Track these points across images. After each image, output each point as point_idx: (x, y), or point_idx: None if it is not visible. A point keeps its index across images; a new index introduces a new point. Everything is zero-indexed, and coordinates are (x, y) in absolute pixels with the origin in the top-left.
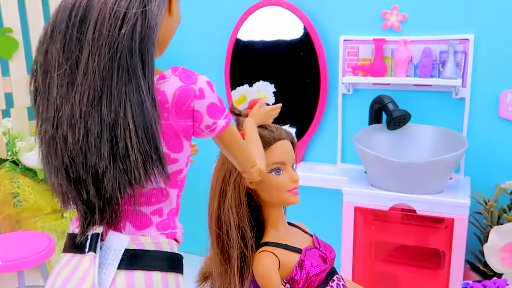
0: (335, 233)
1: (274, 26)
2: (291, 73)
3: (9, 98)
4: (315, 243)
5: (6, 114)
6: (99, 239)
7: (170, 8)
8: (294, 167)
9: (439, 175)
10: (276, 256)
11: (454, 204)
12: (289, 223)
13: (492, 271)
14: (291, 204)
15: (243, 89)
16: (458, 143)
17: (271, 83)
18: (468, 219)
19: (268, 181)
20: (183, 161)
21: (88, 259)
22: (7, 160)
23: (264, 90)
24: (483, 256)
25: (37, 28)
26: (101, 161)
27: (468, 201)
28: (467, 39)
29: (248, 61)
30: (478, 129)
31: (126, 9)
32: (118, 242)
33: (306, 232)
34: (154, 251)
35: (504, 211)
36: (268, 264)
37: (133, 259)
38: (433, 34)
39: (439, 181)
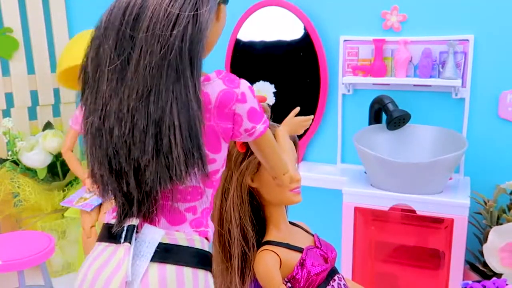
0: (335, 233)
1: (274, 26)
2: (291, 74)
3: (9, 98)
4: (316, 243)
5: (6, 114)
6: (135, 231)
7: (218, 14)
8: (296, 166)
9: (439, 175)
10: (278, 255)
11: (454, 204)
12: (291, 223)
13: (492, 271)
14: (293, 204)
15: None
16: (458, 143)
17: (271, 83)
18: (468, 219)
19: (270, 181)
20: (220, 162)
21: (123, 249)
22: (7, 160)
23: (264, 90)
24: (483, 256)
25: (37, 28)
26: (145, 155)
27: (467, 201)
28: (467, 40)
29: (248, 61)
30: (478, 129)
31: (179, 11)
32: (153, 235)
33: (307, 232)
34: (187, 246)
35: (504, 211)
36: (269, 263)
37: (166, 253)
38: (433, 34)
39: (439, 181)
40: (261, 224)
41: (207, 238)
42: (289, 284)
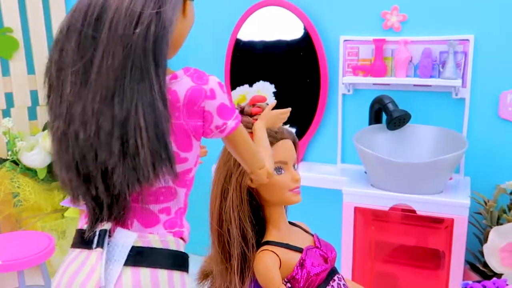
0: (335, 233)
1: (274, 26)
2: (291, 73)
3: (9, 98)
4: (316, 243)
5: (6, 114)
6: (107, 235)
7: (184, 10)
8: (296, 166)
9: (439, 175)
10: (277, 255)
11: (454, 204)
12: (290, 223)
13: (492, 271)
14: (292, 204)
15: (243, 89)
16: (458, 143)
17: (271, 83)
18: (468, 220)
19: (270, 181)
20: (192, 161)
21: (95, 254)
22: (7, 160)
23: (264, 90)
24: (483, 256)
25: (37, 28)
26: (111, 158)
27: (468, 201)
28: (467, 40)
29: (248, 61)
30: (478, 129)
31: (141, 10)
32: (125, 239)
33: (307, 232)
34: (161, 249)
35: (504, 212)
36: (269, 263)
37: (139, 256)
38: (433, 34)
39: (439, 181)
40: (260, 224)
41: (182, 239)
42: (288, 285)
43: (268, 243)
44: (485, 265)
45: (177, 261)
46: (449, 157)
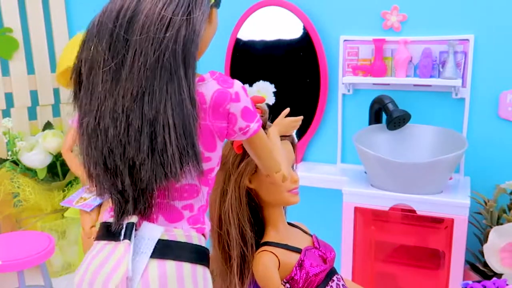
0: (335, 233)
1: (274, 26)
2: (291, 73)
3: (9, 98)
4: (315, 243)
5: (6, 114)
6: (134, 228)
7: (210, 17)
8: (294, 167)
9: (439, 175)
10: (276, 256)
11: (454, 204)
12: (289, 223)
13: (492, 271)
14: (291, 204)
15: None
16: (458, 143)
17: (271, 83)
18: (468, 219)
19: (268, 181)
20: (215, 161)
21: (122, 246)
22: (7, 160)
23: (264, 90)
24: (483, 256)
25: (37, 28)
26: (140, 153)
27: (468, 201)
28: (467, 40)
29: (248, 61)
30: (478, 129)
31: (172, 15)
32: (152, 232)
33: (306, 232)
34: (185, 243)
35: (504, 211)
36: (268, 264)
37: (165, 249)
38: (433, 34)
39: (439, 181)
40: (259, 225)
41: (204, 235)
42: (287, 285)
43: (267, 243)
44: (485, 265)
45: (200, 255)
46: (449, 157)
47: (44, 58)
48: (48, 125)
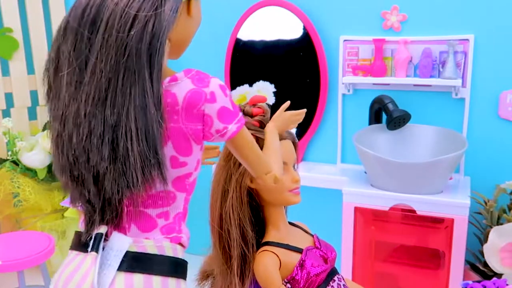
0: (335, 233)
1: (274, 26)
2: (291, 73)
3: (9, 98)
4: (316, 243)
5: (6, 114)
6: (102, 239)
7: (189, 9)
8: (296, 167)
9: (439, 175)
10: (277, 256)
11: (454, 204)
12: (290, 223)
13: (492, 271)
14: (292, 204)
15: (243, 89)
16: (458, 143)
17: (271, 83)
18: (468, 219)
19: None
20: (191, 165)
21: (90, 258)
22: (7, 160)
23: (264, 90)
24: (483, 256)
25: (37, 28)
26: (102, 162)
27: (468, 201)
28: (467, 39)
29: (248, 61)
30: (478, 129)
31: (137, 11)
32: (120, 243)
33: (307, 232)
34: (156, 255)
35: (504, 211)
36: (269, 264)
37: (133, 262)
38: (433, 34)
39: (439, 181)
40: (260, 225)
41: (181, 244)
42: (288, 285)
43: (268, 243)
44: (485, 265)
45: (172, 267)
46: (449, 157)
47: (44, 58)
48: (48, 125)
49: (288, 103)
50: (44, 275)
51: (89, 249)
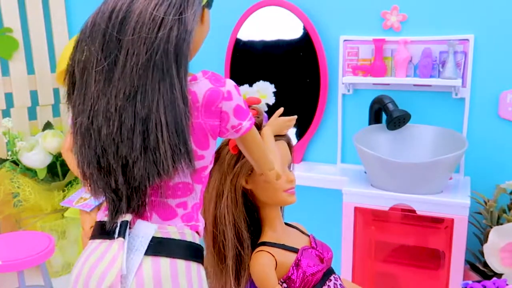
0: (335, 233)
1: (274, 26)
2: (291, 73)
3: (9, 98)
4: (312, 243)
5: (6, 114)
6: (128, 226)
7: (202, 17)
8: (291, 167)
9: (439, 175)
10: (273, 256)
11: (454, 204)
12: (287, 224)
13: (492, 271)
14: (287, 204)
15: (243, 89)
16: (458, 143)
17: (271, 83)
18: (468, 219)
19: (265, 182)
20: (208, 159)
21: (117, 244)
22: (7, 160)
23: (264, 90)
24: (483, 256)
25: (37, 28)
26: (133, 152)
27: (468, 201)
28: (467, 39)
29: (248, 61)
30: (478, 129)
31: (164, 15)
32: (146, 229)
33: (303, 233)
34: (179, 240)
35: (504, 211)
36: (265, 264)
37: (159, 246)
38: (433, 34)
39: (439, 181)
40: (256, 225)
41: (197, 232)
42: (284, 285)
43: (264, 244)
44: (485, 265)
45: (194, 252)
46: (449, 157)
47: (44, 58)
48: (48, 125)
49: (281, 109)
50: (44, 275)
51: (116, 235)
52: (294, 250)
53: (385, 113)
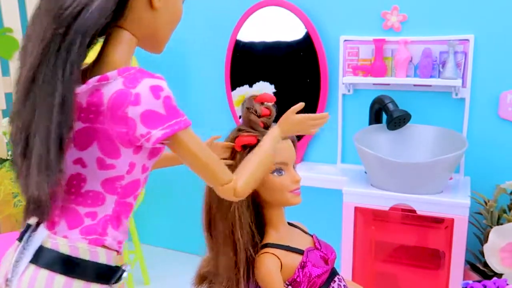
0: (335, 233)
1: (274, 26)
2: (291, 74)
3: (9, 98)
4: (316, 244)
5: (6, 114)
6: (30, 230)
7: (151, 2)
8: (294, 166)
9: (439, 175)
10: (278, 258)
11: (454, 204)
12: (289, 223)
13: (492, 271)
14: (293, 205)
15: (243, 90)
16: (458, 143)
17: (271, 83)
18: (468, 219)
19: (270, 182)
20: (121, 168)
21: (15, 247)
22: (7, 160)
23: (264, 91)
24: (483, 256)
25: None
26: (18, 157)
27: (468, 201)
28: (467, 40)
29: (248, 62)
30: (478, 129)
31: (65, 8)
32: (38, 236)
33: (305, 232)
34: (65, 254)
35: (504, 212)
36: (270, 266)
37: (43, 256)
38: (433, 34)
39: (439, 181)
40: (259, 226)
41: (106, 247)
42: (290, 287)
43: (268, 245)
44: (485, 265)
45: (82, 269)
46: (449, 157)
47: None
48: None
49: (301, 104)
50: None
51: (19, 238)
52: (298, 251)
53: (385, 113)
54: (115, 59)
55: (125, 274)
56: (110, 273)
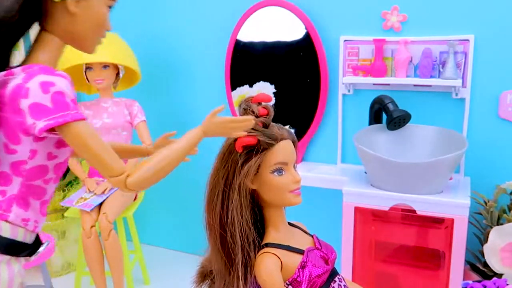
0: (335, 233)
1: (274, 26)
2: (291, 74)
3: None
4: (316, 244)
5: None
6: None
7: (68, 10)
8: (295, 167)
9: (439, 175)
10: (278, 258)
11: (454, 204)
12: (289, 223)
13: (492, 271)
14: (293, 205)
15: (243, 90)
16: (458, 143)
17: (271, 83)
18: (468, 220)
19: (270, 182)
20: (23, 154)
21: None
22: None
23: (264, 91)
24: (483, 256)
25: (38, 28)
26: None
27: (468, 201)
28: (467, 40)
29: (248, 62)
30: (478, 129)
31: None
32: None
33: (306, 232)
34: None
35: (504, 212)
36: (270, 266)
37: None
38: (433, 34)
39: (439, 181)
40: (259, 226)
41: (9, 222)
42: (290, 287)
43: (268, 245)
44: (485, 265)
45: None
46: (449, 157)
47: None
48: None
49: (222, 106)
50: (44, 275)
51: None
52: (299, 251)
53: (385, 113)
54: (38, 59)
55: (41, 249)
56: (14, 247)
